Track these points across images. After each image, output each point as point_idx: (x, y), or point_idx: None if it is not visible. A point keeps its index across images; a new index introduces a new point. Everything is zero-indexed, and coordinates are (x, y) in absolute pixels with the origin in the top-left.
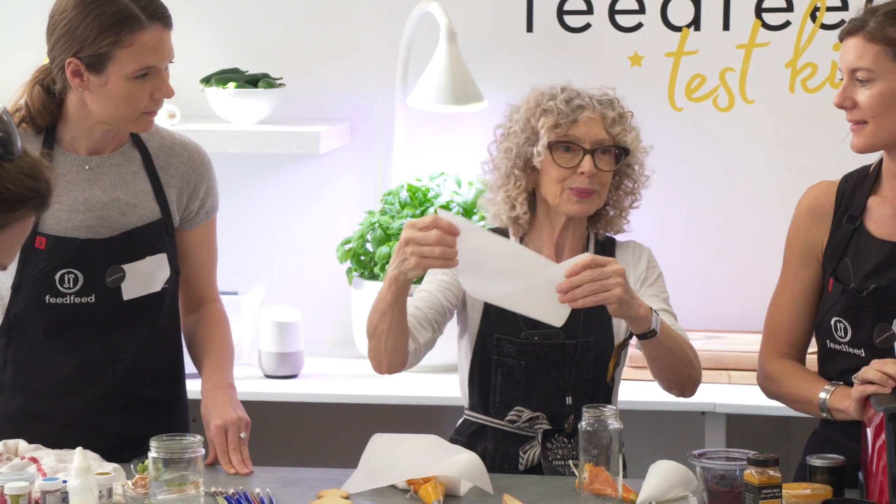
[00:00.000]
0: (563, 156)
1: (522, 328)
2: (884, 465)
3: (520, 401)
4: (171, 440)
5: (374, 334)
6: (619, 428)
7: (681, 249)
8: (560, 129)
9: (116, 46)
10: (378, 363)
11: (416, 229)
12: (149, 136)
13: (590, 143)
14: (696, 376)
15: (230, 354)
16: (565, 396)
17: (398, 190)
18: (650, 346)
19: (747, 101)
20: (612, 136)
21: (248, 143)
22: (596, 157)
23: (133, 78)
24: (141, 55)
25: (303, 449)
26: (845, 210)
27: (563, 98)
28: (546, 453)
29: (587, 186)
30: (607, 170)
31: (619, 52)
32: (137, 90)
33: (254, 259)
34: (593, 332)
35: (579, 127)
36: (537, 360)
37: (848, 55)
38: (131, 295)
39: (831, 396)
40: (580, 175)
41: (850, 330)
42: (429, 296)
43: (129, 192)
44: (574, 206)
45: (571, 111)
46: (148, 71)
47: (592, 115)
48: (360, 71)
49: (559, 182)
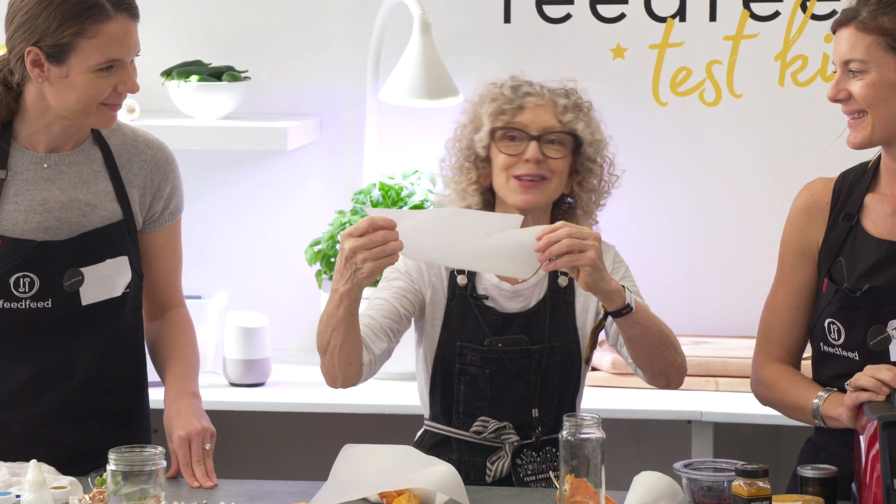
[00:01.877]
0: (509, 144)
1: (486, 335)
2: (878, 476)
3: (484, 410)
4: (131, 452)
5: (325, 349)
6: (601, 437)
7: (665, 250)
8: (505, 115)
9: (80, 37)
10: (332, 378)
11: (357, 237)
12: (110, 133)
13: (536, 130)
14: (682, 363)
15: (195, 362)
16: (531, 408)
17: (370, 188)
18: (627, 325)
19: (735, 96)
20: (563, 123)
21: (212, 139)
22: (544, 145)
23: (96, 70)
24: (106, 47)
25: (270, 461)
26: (842, 208)
27: (509, 85)
28: (517, 469)
29: (533, 172)
30: (557, 157)
31: (601, 44)
32: (101, 83)
33: (218, 262)
34: (559, 336)
35: (525, 114)
36: (502, 367)
37: (841, 46)
38: (90, 299)
39: (824, 403)
40: (525, 162)
41: (844, 332)
42: (384, 304)
43: (90, 192)
44: (520, 195)
45: (517, 97)
46: (113, 64)
47: (540, 102)
48: (330, 63)
49: (504, 170)
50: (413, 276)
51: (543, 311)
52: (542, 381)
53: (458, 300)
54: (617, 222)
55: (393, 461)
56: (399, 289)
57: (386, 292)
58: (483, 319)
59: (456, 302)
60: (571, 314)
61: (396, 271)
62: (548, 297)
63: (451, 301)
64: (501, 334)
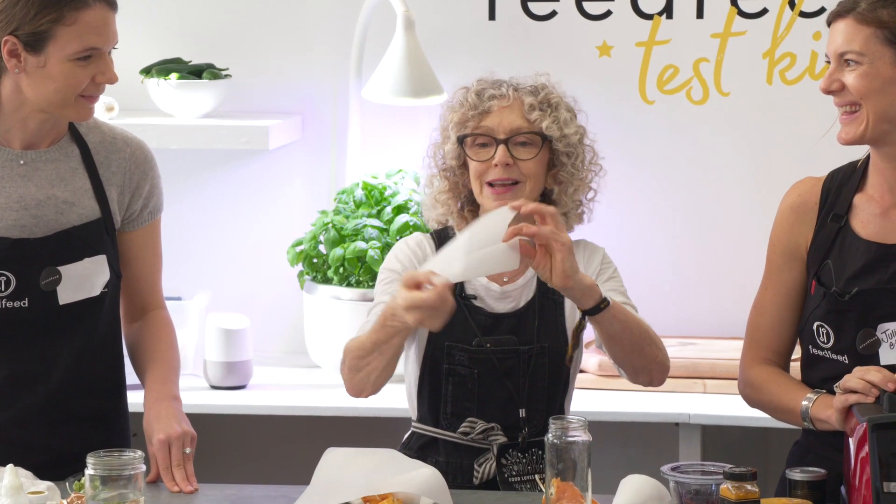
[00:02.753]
0: (479, 151)
1: (475, 334)
2: (867, 479)
3: (472, 411)
4: (110, 456)
5: (361, 367)
6: (587, 440)
7: (652, 250)
8: (470, 122)
9: (58, 24)
10: (360, 391)
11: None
12: (88, 131)
13: (504, 132)
14: (663, 359)
15: (176, 365)
16: (518, 408)
17: (353, 188)
18: (606, 321)
19: (722, 94)
20: (531, 122)
21: (192, 138)
22: (513, 147)
23: (74, 59)
24: (84, 35)
25: (251, 465)
26: (830, 208)
27: (474, 91)
28: (501, 469)
29: (503, 177)
30: (527, 158)
31: (587, 42)
32: (79, 73)
33: (198, 262)
34: (547, 336)
35: (491, 117)
36: (491, 368)
37: (836, 38)
38: (68, 299)
39: (813, 405)
40: (494, 167)
41: (833, 335)
42: None
43: (67, 189)
44: (494, 202)
45: (481, 102)
46: (91, 53)
47: (506, 104)
48: (312, 61)
49: (477, 178)
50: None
51: (532, 311)
52: (531, 382)
53: None
54: (602, 222)
55: (376, 465)
56: None
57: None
58: (472, 319)
59: None
60: (560, 315)
61: (394, 272)
62: (536, 297)
63: None
64: (490, 334)
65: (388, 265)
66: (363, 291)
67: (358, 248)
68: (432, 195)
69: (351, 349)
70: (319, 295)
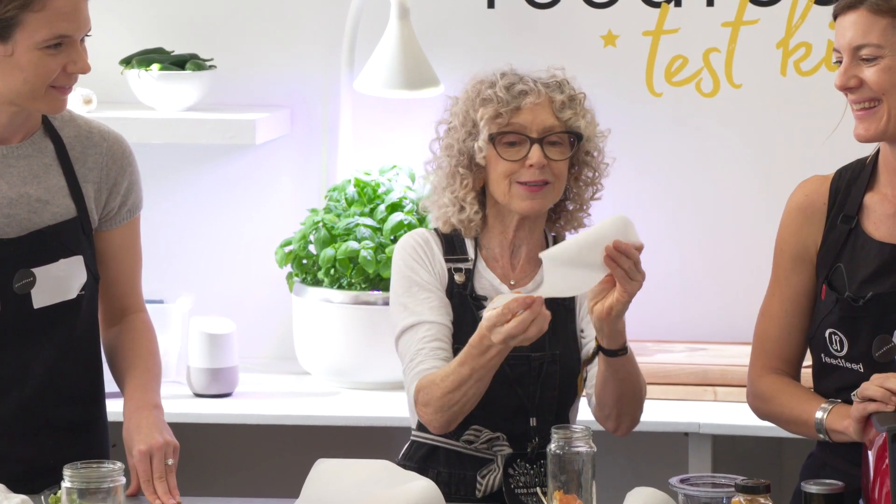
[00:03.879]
0: (508, 149)
1: None
2: (887, 492)
3: (478, 419)
4: (88, 468)
5: (456, 402)
6: (591, 451)
7: (659, 250)
8: (501, 118)
9: (25, 10)
10: (448, 425)
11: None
12: (63, 124)
13: (537, 132)
14: (638, 417)
15: (157, 371)
16: (529, 417)
17: (344, 185)
18: (615, 366)
19: (734, 86)
20: (563, 121)
21: (175, 132)
22: (545, 147)
23: (44, 47)
24: (54, 21)
25: (237, 476)
26: (840, 208)
27: (502, 84)
28: (508, 480)
29: (538, 178)
30: (560, 159)
31: (592, 31)
32: (49, 62)
33: (181, 263)
34: (559, 344)
35: (523, 114)
36: (500, 373)
37: (848, 32)
38: (43, 303)
39: (828, 416)
40: (528, 168)
41: (847, 343)
42: (444, 329)
43: (41, 187)
44: (525, 202)
45: (513, 98)
46: (61, 41)
47: (538, 101)
48: (302, 51)
49: (506, 177)
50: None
51: None
52: (542, 391)
53: (455, 299)
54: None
55: (369, 477)
56: (437, 305)
57: (433, 314)
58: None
59: (454, 301)
60: (572, 322)
61: (424, 282)
62: (548, 303)
63: (450, 300)
64: None
65: (405, 270)
66: (355, 294)
67: (350, 249)
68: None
69: (436, 385)
70: (309, 298)
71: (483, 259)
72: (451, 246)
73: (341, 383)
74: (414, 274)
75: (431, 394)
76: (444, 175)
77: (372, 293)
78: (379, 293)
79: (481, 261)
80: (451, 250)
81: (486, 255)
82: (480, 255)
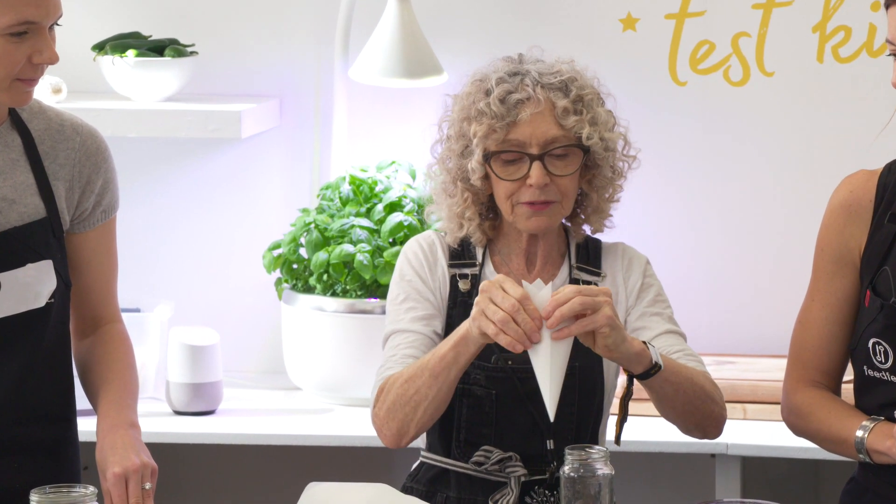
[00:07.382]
0: (507, 167)
1: (493, 350)
2: None
3: (489, 438)
4: (57, 492)
5: (408, 400)
6: (609, 474)
7: (683, 255)
8: (497, 134)
9: None
10: (400, 436)
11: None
12: (32, 116)
13: (537, 147)
14: (719, 412)
15: (133, 387)
16: (545, 439)
17: (338, 183)
18: (657, 385)
19: (765, 74)
20: (567, 129)
21: (153, 124)
22: (548, 162)
23: (7, 35)
24: (18, 6)
25: (221, 502)
26: (887, 207)
27: (497, 95)
28: None
29: (541, 199)
30: (565, 174)
31: (609, 14)
32: (13, 50)
33: (160, 269)
34: (577, 356)
35: (521, 128)
36: (511, 389)
37: None
38: (9, 311)
39: (870, 435)
40: (529, 188)
41: (892, 354)
42: (422, 339)
43: (7, 184)
44: (531, 220)
45: (508, 110)
46: (27, 28)
47: (537, 109)
48: (291, 36)
49: (507, 198)
50: (431, 299)
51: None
52: (559, 408)
53: (459, 308)
54: (627, 221)
55: (364, 501)
56: (423, 316)
57: (416, 324)
58: None
59: (458, 311)
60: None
61: (415, 292)
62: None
63: (451, 309)
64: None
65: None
66: (350, 302)
67: (344, 252)
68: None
69: (393, 383)
70: (300, 306)
71: (493, 264)
72: (458, 250)
73: (335, 399)
74: (405, 282)
75: (387, 393)
76: (441, 189)
77: (368, 301)
78: (376, 301)
79: (489, 265)
80: (458, 255)
81: (497, 261)
82: (491, 259)
